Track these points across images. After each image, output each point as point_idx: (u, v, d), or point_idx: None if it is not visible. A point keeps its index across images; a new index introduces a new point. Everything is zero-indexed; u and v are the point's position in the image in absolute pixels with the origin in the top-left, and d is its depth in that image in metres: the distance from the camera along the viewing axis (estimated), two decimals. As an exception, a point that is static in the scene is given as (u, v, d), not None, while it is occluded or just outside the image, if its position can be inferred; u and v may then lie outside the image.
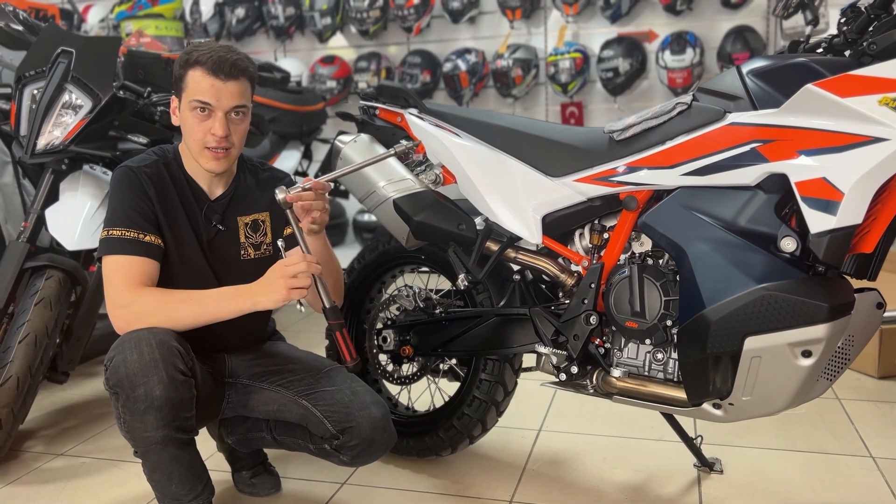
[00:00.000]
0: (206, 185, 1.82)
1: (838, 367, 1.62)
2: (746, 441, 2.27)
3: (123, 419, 1.60)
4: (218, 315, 1.66)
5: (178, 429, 1.61)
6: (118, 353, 1.61)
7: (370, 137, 2.09)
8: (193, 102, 1.69)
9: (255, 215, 1.87)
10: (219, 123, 1.69)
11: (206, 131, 1.70)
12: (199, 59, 1.67)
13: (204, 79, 1.67)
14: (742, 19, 4.62)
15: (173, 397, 1.57)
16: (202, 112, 1.69)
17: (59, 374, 2.46)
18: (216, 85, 1.67)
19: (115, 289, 1.68)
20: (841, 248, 1.48)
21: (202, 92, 1.68)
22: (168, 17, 5.41)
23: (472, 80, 4.94)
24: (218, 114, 1.69)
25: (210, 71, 1.67)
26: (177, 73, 1.71)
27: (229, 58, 1.68)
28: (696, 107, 1.67)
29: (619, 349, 1.81)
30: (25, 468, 2.24)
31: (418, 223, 1.91)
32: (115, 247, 1.69)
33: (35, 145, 2.38)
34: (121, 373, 1.58)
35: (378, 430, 1.74)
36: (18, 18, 2.61)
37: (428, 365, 2.20)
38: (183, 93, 1.71)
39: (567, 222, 1.86)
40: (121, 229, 1.70)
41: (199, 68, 1.67)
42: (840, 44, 1.60)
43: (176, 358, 1.61)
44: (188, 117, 1.71)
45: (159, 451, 1.62)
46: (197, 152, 1.74)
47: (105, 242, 1.71)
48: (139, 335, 1.62)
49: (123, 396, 1.58)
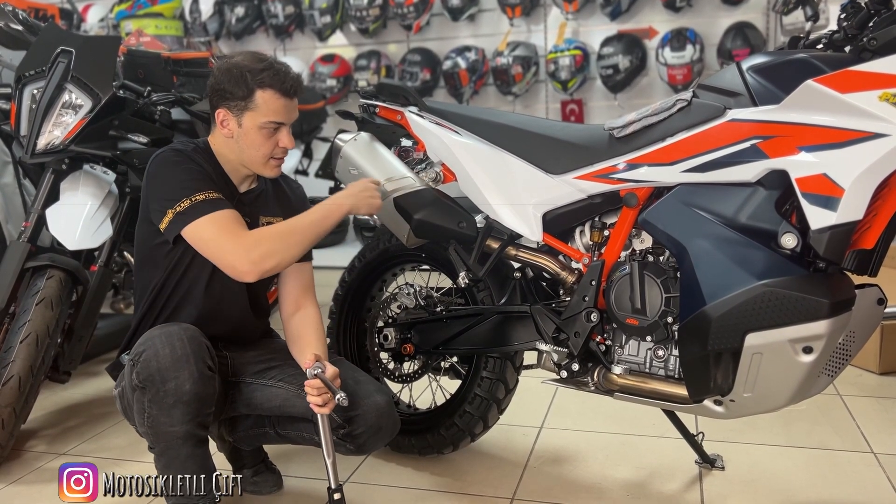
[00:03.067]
0: (237, 179, 1.84)
1: (839, 363, 1.62)
2: (748, 437, 2.27)
3: (148, 413, 1.62)
4: (328, 225, 1.76)
5: (200, 425, 1.65)
6: (149, 348, 1.62)
7: (370, 136, 2.09)
8: (268, 123, 1.73)
9: (271, 217, 1.89)
10: (287, 137, 1.78)
11: (275, 145, 1.77)
12: (271, 82, 1.71)
13: (277, 100, 1.73)
14: (742, 16, 4.62)
15: (201, 393, 1.61)
16: (272, 129, 1.75)
17: (60, 374, 2.47)
18: (288, 105, 1.75)
19: (229, 241, 1.67)
20: (842, 244, 1.48)
21: (276, 113, 1.73)
22: (168, 16, 5.41)
23: (472, 77, 4.94)
24: (285, 128, 1.77)
25: (283, 93, 1.73)
26: (236, 91, 1.71)
27: (292, 75, 1.75)
28: (696, 103, 1.67)
29: (620, 346, 1.81)
30: (27, 468, 2.24)
31: (419, 221, 1.91)
32: (205, 208, 1.69)
33: (35, 145, 2.37)
34: (152, 367, 1.60)
35: (384, 417, 1.76)
36: (18, 18, 2.60)
37: (429, 363, 2.20)
38: (248, 111, 1.73)
39: (567, 220, 1.86)
40: (203, 193, 1.70)
41: (269, 90, 1.72)
42: (840, 39, 1.59)
43: (205, 354, 1.65)
44: (255, 134, 1.74)
45: (178, 447, 1.64)
46: (261, 164, 1.79)
47: (191, 210, 1.68)
48: (170, 330, 1.65)
49: (153, 391, 1.60)
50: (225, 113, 1.75)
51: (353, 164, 2.02)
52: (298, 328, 1.84)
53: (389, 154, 2.05)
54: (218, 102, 1.76)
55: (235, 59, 1.75)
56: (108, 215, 2.49)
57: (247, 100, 1.72)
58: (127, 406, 1.75)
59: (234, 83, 1.72)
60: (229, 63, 1.74)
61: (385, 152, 2.05)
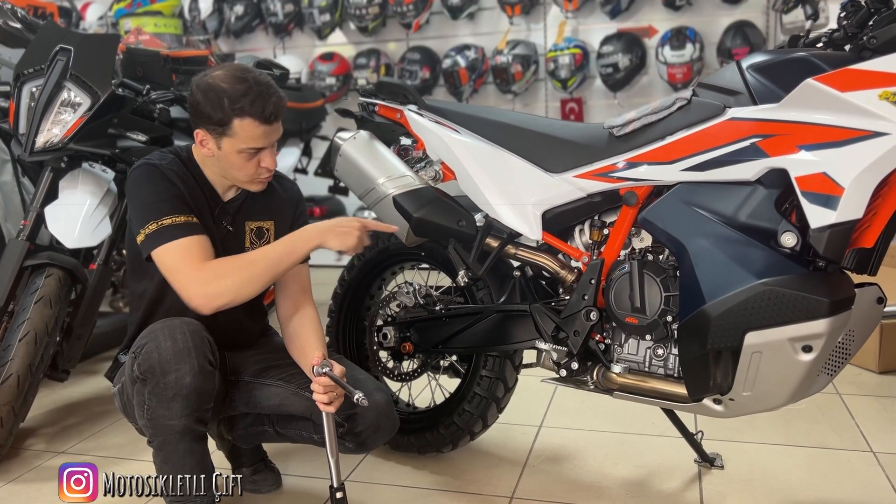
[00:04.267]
0: (221, 188, 1.82)
1: (839, 362, 1.62)
2: (747, 436, 2.27)
3: (148, 405, 1.62)
4: (291, 261, 1.69)
5: (198, 420, 1.65)
6: (151, 340, 1.62)
7: (369, 134, 2.08)
8: (247, 150, 1.69)
9: (261, 222, 1.88)
10: (270, 158, 1.74)
11: (257, 166, 1.73)
12: (245, 108, 1.64)
13: (256, 128, 1.67)
14: (742, 14, 4.61)
15: (201, 387, 1.61)
16: (252, 153, 1.71)
17: (59, 373, 2.46)
18: (267, 130, 1.69)
19: (187, 273, 1.65)
20: (841, 242, 1.48)
21: (255, 140, 1.68)
22: (167, 14, 5.40)
23: (471, 76, 4.93)
24: (267, 150, 1.73)
25: (262, 121, 1.67)
26: (213, 115, 1.65)
27: (272, 100, 1.67)
28: (695, 102, 1.67)
29: (620, 345, 1.80)
30: (26, 466, 2.24)
31: (418, 220, 1.91)
32: (171, 233, 1.67)
33: (34, 143, 2.37)
34: (153, 359, 1.60)
35: (383, 416, 1.76)
36: (17, 16, 2.60)
37: (428, 361, 2.20)
38: (227, 137, 1.68)
39: (567, 218, 1.86)
40: (170, 217, 1.68)
41: (248, 119, 1.65)
42: (840, 38, 1.59)
43: (206, 348, 1.65)
44: (235, 157, 1.70)
45: (176, 441, 1.64)
46: (246, 183, 1.77)
47: (157, 234, 1.67)
48: (173, 323, 1.65)
49: (153, 382, 1.60)
50: (204, 134, 1.71)
51: (352, 163, 2.02)
52: (297, 329, 1.83)
53: (389, 152, 2.05)
54: (196, 122, 1.71)
55: (216, 75, 1.68)
56: (106, 213, 2.49)
57: (224, 126, 1.66)
58: (126, 402, 1.75)
59: (211, 107, 1.65)
60: (208, 82, 1.67)
61: (384, 151, 2.05)
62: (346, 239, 1.69)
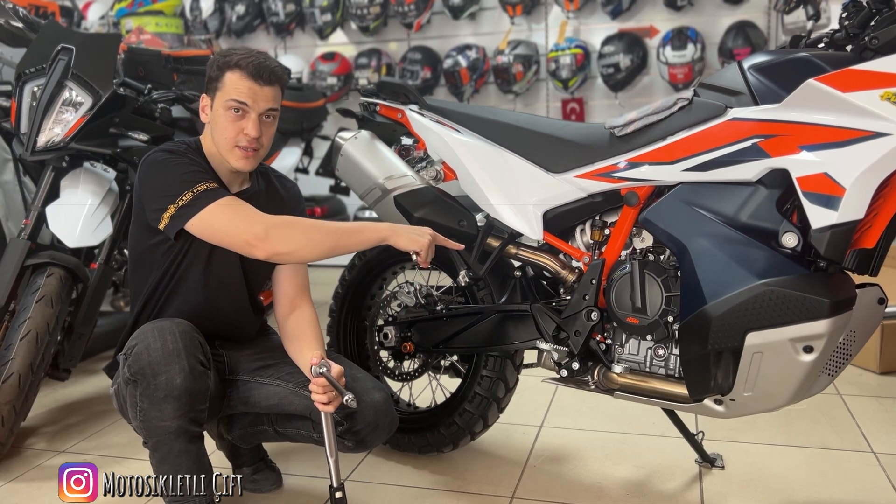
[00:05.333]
0: (227, 179, 1.83)
1: (840, 362, 1.62)
2: (748, 437, 2.27)
3: (140, 407, 1.62)
4: (356, 241, 1.73)
5: (192, 420, 1.64)
6: (140, 342, 1.63)
7: (371, 134, 2.08)
8: (230, 102, 1.71)
9: None
10: (252, 124, 1.73)
11: (239, 131, 1.73)
12: (240, 62, 1.71)
13: (242, 81, 1.71)
14: (743, 14, 4.61)
15: (192, 388, 1.61)
16: (236, 112, 1.72)
17: (60, 372, 2.47)
18: (253, 88, 1.71)
19: (248, 217, 1.67)
20: (842, 243, 1.48)
21: (240, 93, 1.71)
22: (168, 13, 5.40)
23: (472, 76, 4.93)
24: (252, 115, 1.73)
25: (249, 74, 1.71)
26: (212, 74, 1.74)
27: (268, 64, 1.73)
28: (697, 102, 1.67)
29: (621, 345, 1.80)
30: (27, 465, 2.24)
31: (419, 220, 1.91)
32: (212, 195, 1.69)
33: (36, 142, 2.38)
34: (143, 360, 1.60)
35: (381, 415, 1.76)
36: (18, 15, 2.61)
37: (429, 361, 2.20)
38: (218, 92, 1.73)
39: (568, 218, 1.86)
40: (204, 184, 1.70)
41: (238, 71, 1.71)
42: (841, 38, 1.59)
43: (197, 349, 1.64)
44: (221, 116, 1.73)
45: (171, 442, 1.64)
46: (227, 150, 1.76)
47: (194, 201, 1.67)
48: (162, 324, 1.65)
49: (143, 384, 1.60)
50: (206, 98, 1.78)
51: (353, 162, 2.02)
52: (295, 328, 1.83)
53: (390, 152, 2.05)
54: (205, 90, 1.78)
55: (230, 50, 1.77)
56: (108, 213, 2.49)
57: (218, 80, 1.73)
58: (122, 402, 1.75)
59: (213, 67, 1.74)
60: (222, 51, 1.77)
61: (385, 150, 2.05)
62: (419, 239, 1.72)
